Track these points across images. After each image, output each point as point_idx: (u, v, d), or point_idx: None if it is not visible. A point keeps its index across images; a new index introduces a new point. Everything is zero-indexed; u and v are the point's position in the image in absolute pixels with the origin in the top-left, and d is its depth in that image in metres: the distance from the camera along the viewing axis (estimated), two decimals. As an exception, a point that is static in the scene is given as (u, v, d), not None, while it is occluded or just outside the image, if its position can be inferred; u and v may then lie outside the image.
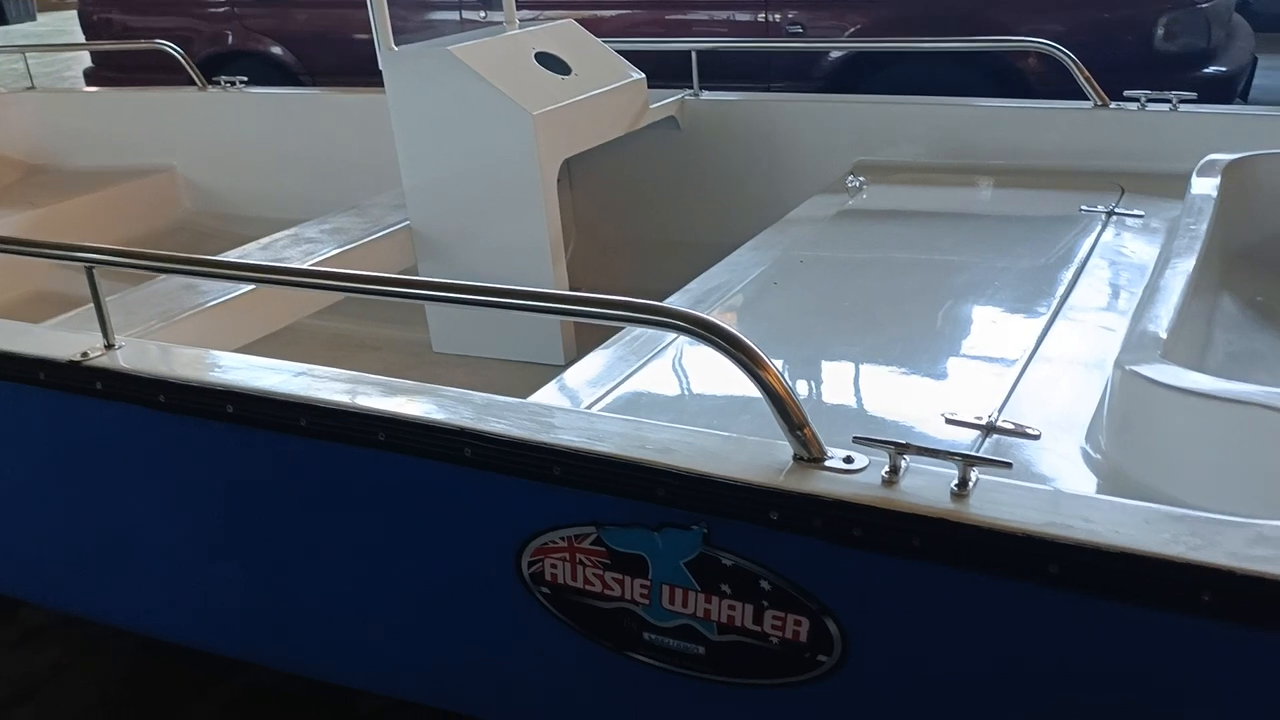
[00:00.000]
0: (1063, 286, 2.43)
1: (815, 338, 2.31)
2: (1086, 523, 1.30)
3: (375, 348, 3.44)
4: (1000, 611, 1.39)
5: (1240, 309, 2.44)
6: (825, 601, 1.48)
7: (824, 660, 1.53)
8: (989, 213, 3.10)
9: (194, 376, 1.81)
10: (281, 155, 4.15)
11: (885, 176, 3.31)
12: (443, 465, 1.63)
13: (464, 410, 1.65)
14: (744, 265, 2.74)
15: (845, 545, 1.41)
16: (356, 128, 3.95)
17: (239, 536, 1.98)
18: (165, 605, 2.20)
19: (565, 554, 1.64)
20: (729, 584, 1.54)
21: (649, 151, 3.70)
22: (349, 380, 1.77)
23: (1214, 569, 1.22)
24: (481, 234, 3.09)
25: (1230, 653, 1.27)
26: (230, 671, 2.60)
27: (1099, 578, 1.27)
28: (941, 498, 1.37)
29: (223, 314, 2.53)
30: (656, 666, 1.66)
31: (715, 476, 1.46)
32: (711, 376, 2.16)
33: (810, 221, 3.06)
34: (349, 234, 3.06)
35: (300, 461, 1.79)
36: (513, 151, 2.95)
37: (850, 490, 1.40)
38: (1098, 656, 1.36)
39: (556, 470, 1.55)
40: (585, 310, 1.62)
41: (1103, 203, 2.90)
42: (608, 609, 1.65)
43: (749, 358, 1.47)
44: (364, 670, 2.07)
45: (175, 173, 4.40)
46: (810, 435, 1.46)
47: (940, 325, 2.34)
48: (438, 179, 3.08)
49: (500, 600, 1.73)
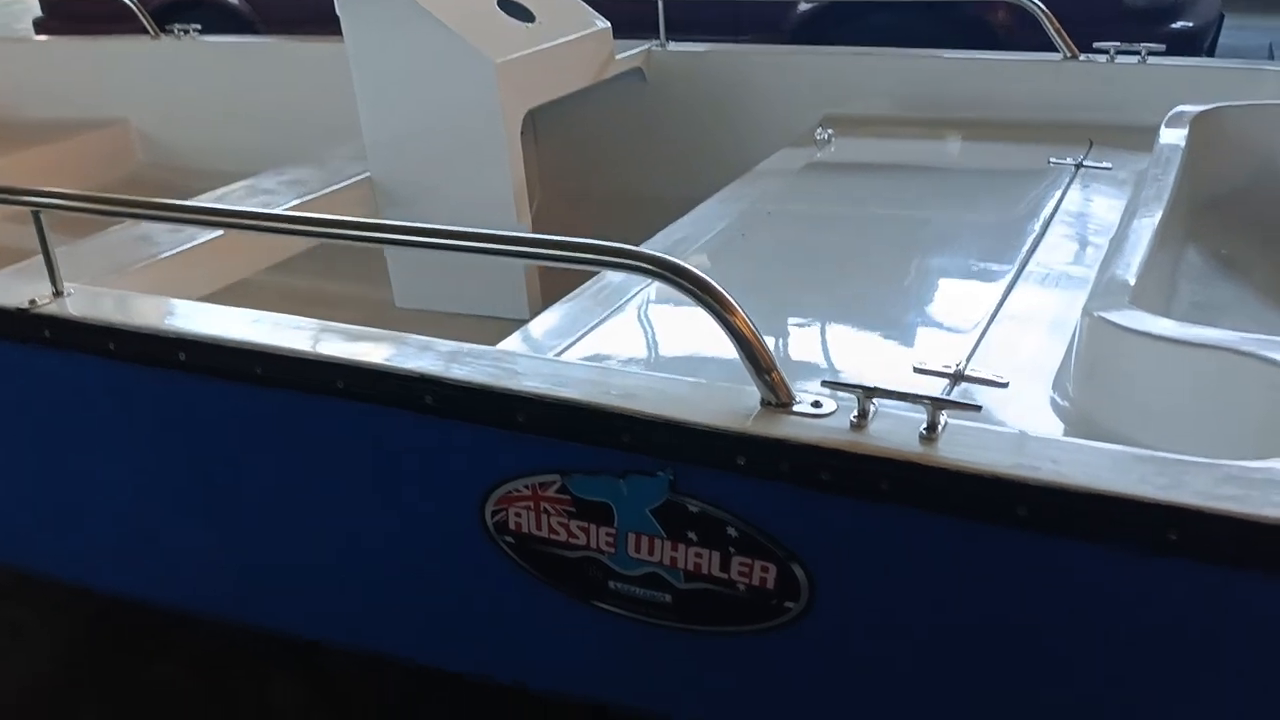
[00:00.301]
0: (1030, 238, 2.42)
1: (782, 289, 2.29)
2: (1054, 464, 1.29)
3: (335, 304, 3.36)
4: (968, 554, 1.38)
5: (1205, 260, 2.44)
6: (792, 547, 1.47)
7: (791, 607, 1.51)
8: (958, 165, 3.09)
9: (145, 323, 1.75)
10: (237, 106, 4.05)
11: (854, 129, 3.28)
12: (403, 413, 1.60)
13: (425, 357, 1.62)
14: (711, 218, 2.71)
15: (813, 490, 1.39)
16: (314, 78, 3.86)
17: (196, 489, 1.94)
18: (123, 561, 2.16)
19: (529, 503, 1.61)
20: (695, 531, 1.52)
21: (614, 103, 3.64)
22: (306, 327, 1.72)
23: (1182, 508, 1.21)
24: (444, 186, 3.03)
25: (1198, 591, 1.27)
26: (194, 628, 2.56)
27: (1067, 519, 1.27)
28: (910, 441, 1.35)
29: (177, 265, 2.46)
30: (623, 615, 1.64)
31: (681, 422, 1.44)
32: (678, 327, 2.14)
33: (778, 174, 3.03)
34: (307, 185, 2.99)
35: (257, 411, 1.75)
36: (475, 101, 2.88)
37: (818, 434, 1.38)
38: (1066, 597, 1.36)
39: (520, 417, 1.52)
40: (552, 254, 1.58)
41: (1071, 155, 2.89)
42: (573, 558, 1.63)
43: (717, 302, 1.44)
44: (329, 623, 2.05)
45: (128, 125, 4.28)
46: (778, 380, 1.44)
47: (908, 277, 2.33)
48: (399, 130, 3.01)
49: (463, 550, 1.70)
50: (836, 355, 2.04)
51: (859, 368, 1.95)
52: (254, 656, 2.49)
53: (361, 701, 2.38)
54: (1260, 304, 2.31)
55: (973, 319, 2.08)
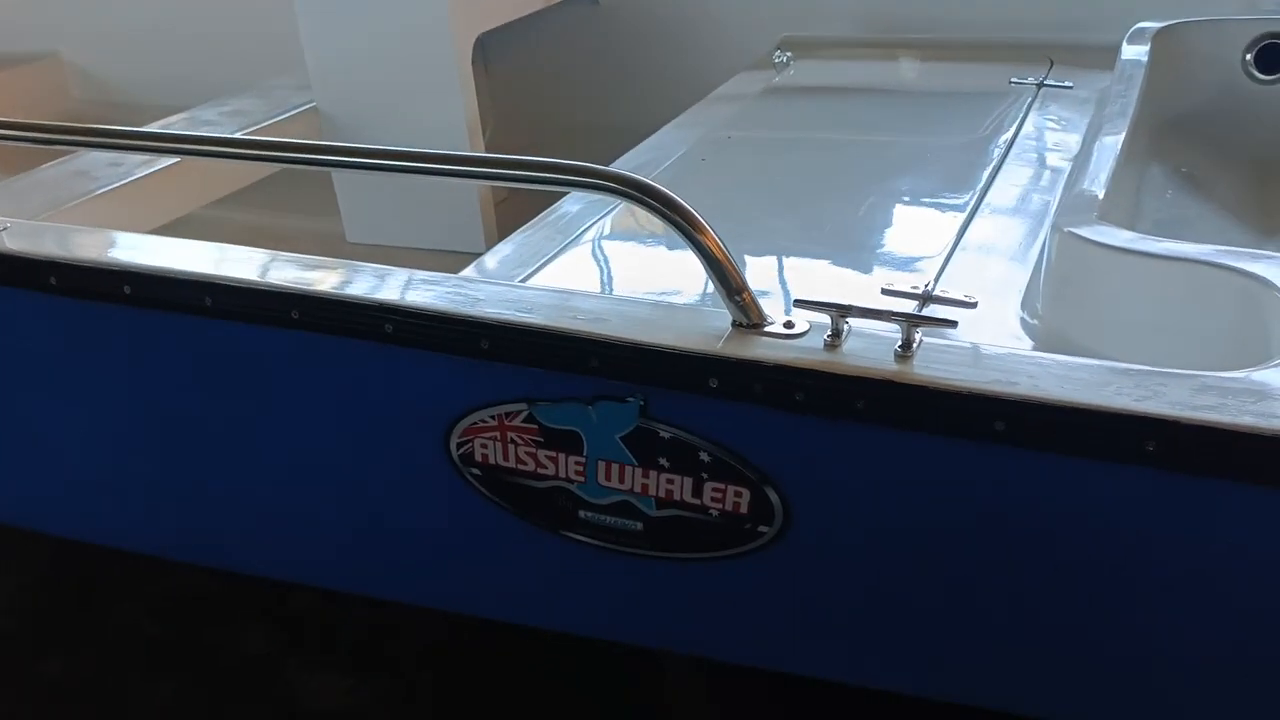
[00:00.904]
0: (994, 159, 2.40)
1: (745, 213, 2.25)
2: (1031, 379, 1.28)
3: (283, 239, 3.27)
4: (946, 471, 1.37)
5: (1168, 177, 2.44)
6: (766, 470, 1.45)
7: (765, 531, 1.50)
8: (919, 88, 3.05)
9: (87, 256, 1.68)
10: (176, 36, 3.89)
11: (812, 52, 3.22)
12: (362, 343, 1.55)
13: (383, 285, 1.56)
14: (670, 143, 2.66)
15: (787, 411, 1.36)
16: (256, 3, 3.70)
17: (148, 428, 1.87)
18: (77, 504, 2.09)
19: (496, 433, 1.58)
20: (667, 457, 1.49)
21: (567, 30, 3.55)
22: (257, 258, 1.66)
23: (1160, 419, 1.20)
24: (393, 115, 2.94)
25: (1175, 500, 1.26)
26: (155, 571, 2.50)
27: (1046, 432, 1.26)
28: (886, 359, 1.33)
29: (118, 200, 2.37)
30: (594, 545, 1.62)
31: (651, 345, 1.40)
32: (638, 255, 2.10)
33: (737, 99, 2.97)
34: (250, 116, 2.89)
35: (209, 345, 1.69)
36: (423, 25, 2.79)
37: (792, 354, 1.36)
38: (1044, 511, 1.36)
39: (484, 344, 1.48)
40: (513, 175, 1.53)
41: (1032, 75, 2.86)
42: (542, 488, 1.60)
43: (687, 221, 1.40)
44: (292, 562, 2.01)
45: (61, 59, 4.10)
46: (749, 300, 1.41)
47: (872, 201, 2.29)
48: (345, 57, 2.91)
49: (429, 483, 1.67)
50: (802, 278, 2.01)
51: (828, 290, 1.90)
52: (218, 600, 2.45)
53: (330, 643, 2.36)
54: (1223, 218, 2.32)
55: (939, 241, 2.06)
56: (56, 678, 2.31)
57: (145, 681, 2.29)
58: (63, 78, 4.12)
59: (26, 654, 2.37)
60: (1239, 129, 2.58)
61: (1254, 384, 1.24)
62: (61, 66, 4.11)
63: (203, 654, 2.34)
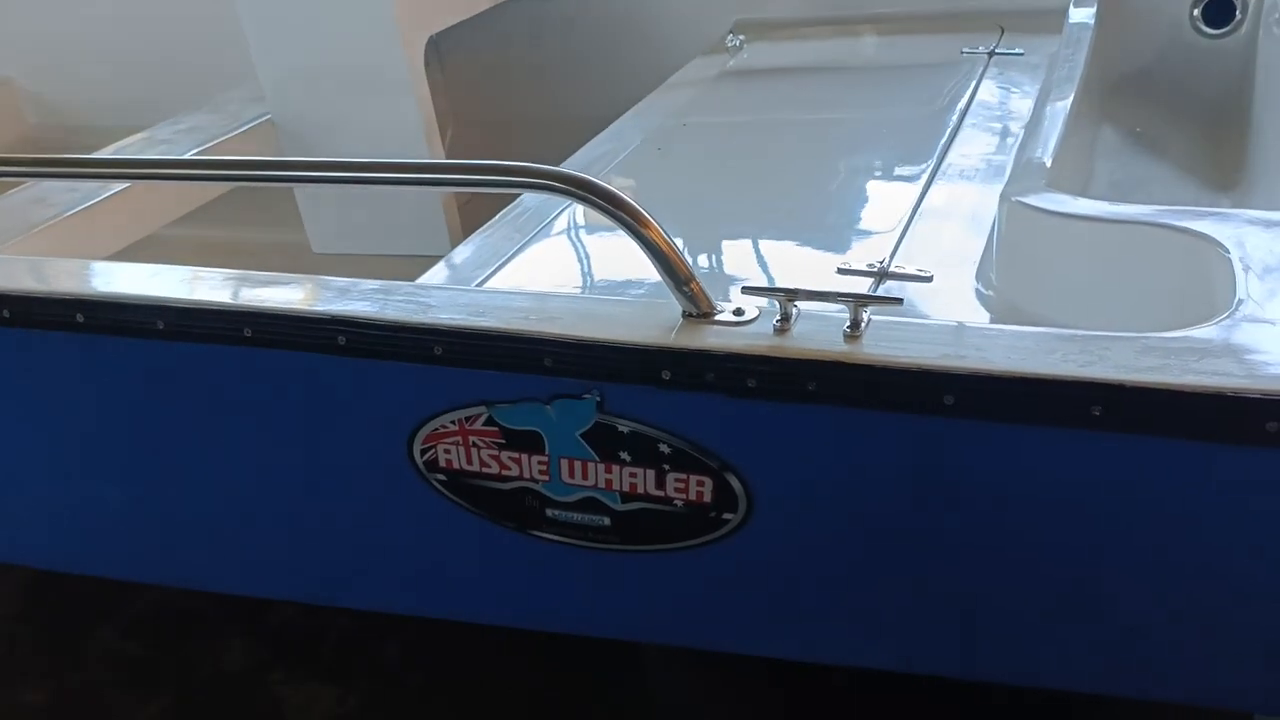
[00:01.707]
0: (947, 131, 2.40)
1: (703, 200, 2.25)
2: (978, 351, 1.28)
3: (249, 253, 3.26)
4: (900, 447, 1.37)
5: (1121, 139, 2.44)
6: (726, 458, 1.45)
7: (730, 518, 1.50)
8: (872, 64, 3.05)
9: (35, 287, 1.67)
10: (130, 57, 3.86)
11: (766, 34, 3.22)
12: (317, 357, 1.54)
13: (333, 298, 1.56)
14: (626, 133, 2.66)
15: (741, 398, 1.37)
16: (206, 18, 3.68)
17: (110, 454, 1.86)
18: (44, 533, 2.08)
19: (458, 437, 1.58)
20: (628, 451, 1.50)
21: (520, 24, 3.54)
22: (205, 277, 1.65)
23: (1103, 383, 1.21)
24: (349, 122, 2.92)
25: (1123, 461, 1.27)
26: (130, 592, 2.50)
27: (994, 403, 1.26)
28: (835, 341, 1.34)
29: (78, 225, 2.36)
30: (563, 542, 1.62)
31: (603, 341, 1.40)
32: (599, 249, 2.10)
33: (692, 85, 2.97)
34: (206, 132, 2.87)
35: (164, 368, 1.68)
36: (372, 30, 2.77)
37: (742, 342, 1.36)
38: (999, 480, 1.36)
39: (437, 350, 1.48)
40: (456, 179, 1.54)
41: (983, 44, 2.87)
42: (507, 489, 1.60)
43: (630, 216, 1.40)
44: (265, 579, 2.00)
45: (13, 84, 4.07)
46: (698, 290, 1.41)
47: (828, 180, 2.30)
48: (296, 67, 2.89)
49: (396, 492, 1.67)
50: (760, 262, 2.02)
51: (784, 274, 1.93)
52: (196, 619, 2.45)
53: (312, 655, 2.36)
54: (1177, 176, 2.33)
55: (894, 216, 2.06)
56: (40, 707, 2.31)
57: (131, 703, 2.29)
58: (16, 103, 4.09)
59: (8, 685, 2.37)
60: (1189, 85, 2.60)
61: (1196, 342, 1.25)
62: (14, 92, 4.08)
63: (186, 672, 2.35)
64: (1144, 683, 1.54)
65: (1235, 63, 2.53)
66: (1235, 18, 2.55)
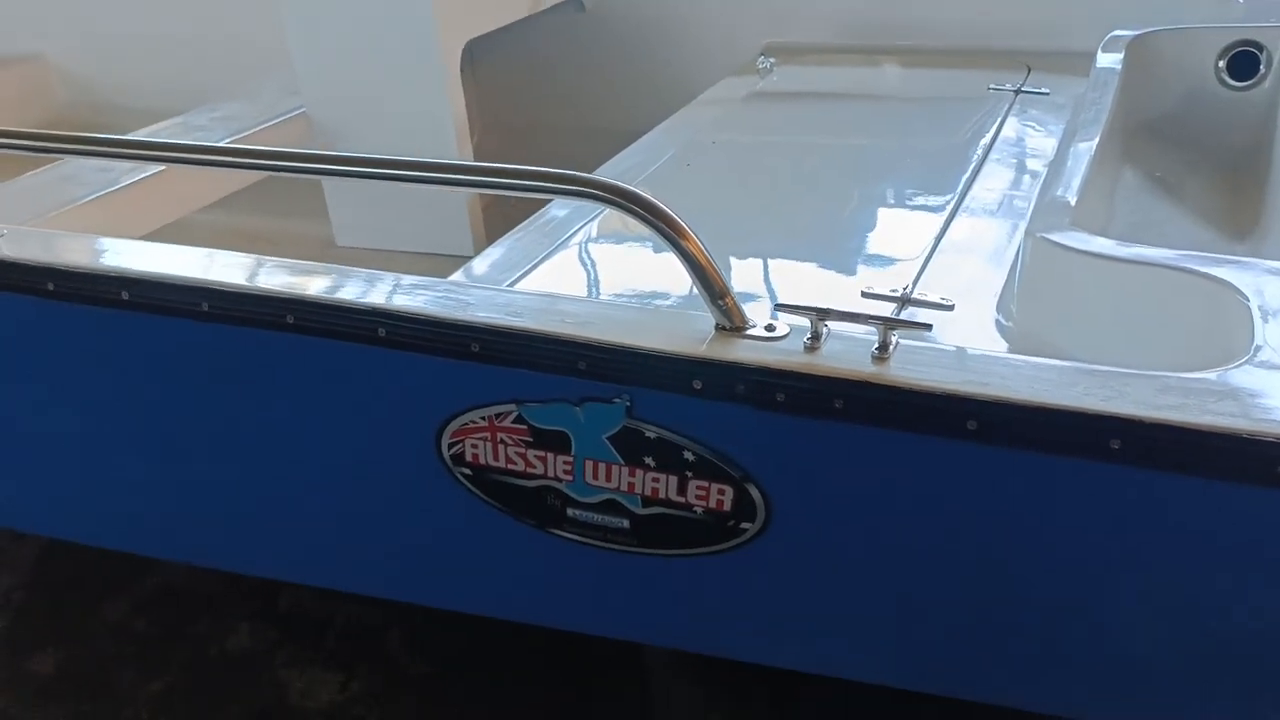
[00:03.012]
0: (972, 164, 2.45)
1: (729, 218, 2.29)
2: (1002, 379, 1.33)
3: (274, 242, 3.30)
4: (921, 468, 1.41)
5: (1141, 181, 2.49)
6: (748, 468, 1.49)
7: (748, 527, 1.54)
8: (900, 94, 3.10)
9: (85, 263, 1.71)
10: (163, 40, 3.90)
11: (795, 58, 3.27)
12: (356, 347, 1.58)
13: (376, 290, 1.60)
14: (655, 148, 2.70)
15: (769, 411, 1.41)
16: (242, 7, 3.73)
17: (142, 429, 1.90)
18: (67, 504, 2.12)
19: (486, 433, 1.62)
20: (652, 456, 1.53)
21: (554, 34, 3.59)
22: (253, 263, 1.69)
23: (1123, 418, 1.25)
24: (382, 121, 2.97)
25: (1139, 496, 1.31)
26: (141, 569, 2.54)
27: (1016, 431, 1.30)
28: (863, 361, 1.38)
29: (109, 206, 2.40)
30: (582, 542, 1.66)
31: (638, 348, 1.44)
32: (625, 259, 2.14)
33: (721, 104, 3.02)
34: (240, 121, 2.91)
35: (204, 349, 1.72)
36: (412, 33, 2.82)
37: (773, 357, 1.40)
38: (1016, 506, 1.40)
39: (475, 347, 1.52)
40: (502, 183, 1.57)
41: (1010, 81, 2.92)
42: (531, 487, 1.64)
43: (670, 226, 1.44)
44: (283, 561, 2.04)
45: (46, 60, 4.11)
46: (732, 304, 1.45)
47: (853, 205, 2.34)
48: (334, 63, 2.94)
49: (420, 483, 1.70)
50: (785, 282, 2.06)
51: (808, 293, 1.95)
52: (205, 598, 2.48)
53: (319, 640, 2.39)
54: (1193, 222, 2.38)
55: (918, 244, 2.11)
56: (48, 676, 2.34)
57: (135, 679, 2.32)
58: (48, 80, 4.13)
59: (17, 653, 2.40)
60: (1211, 134, 2.65)
61: (1215, 384, 1.29)
62: (47, 68, 4.12)
63: (192, 651, 2.38)
64: (1150, 713, 1.58)
65: (1257, 115, 2.59)
66: (1260, 72, 2.60)
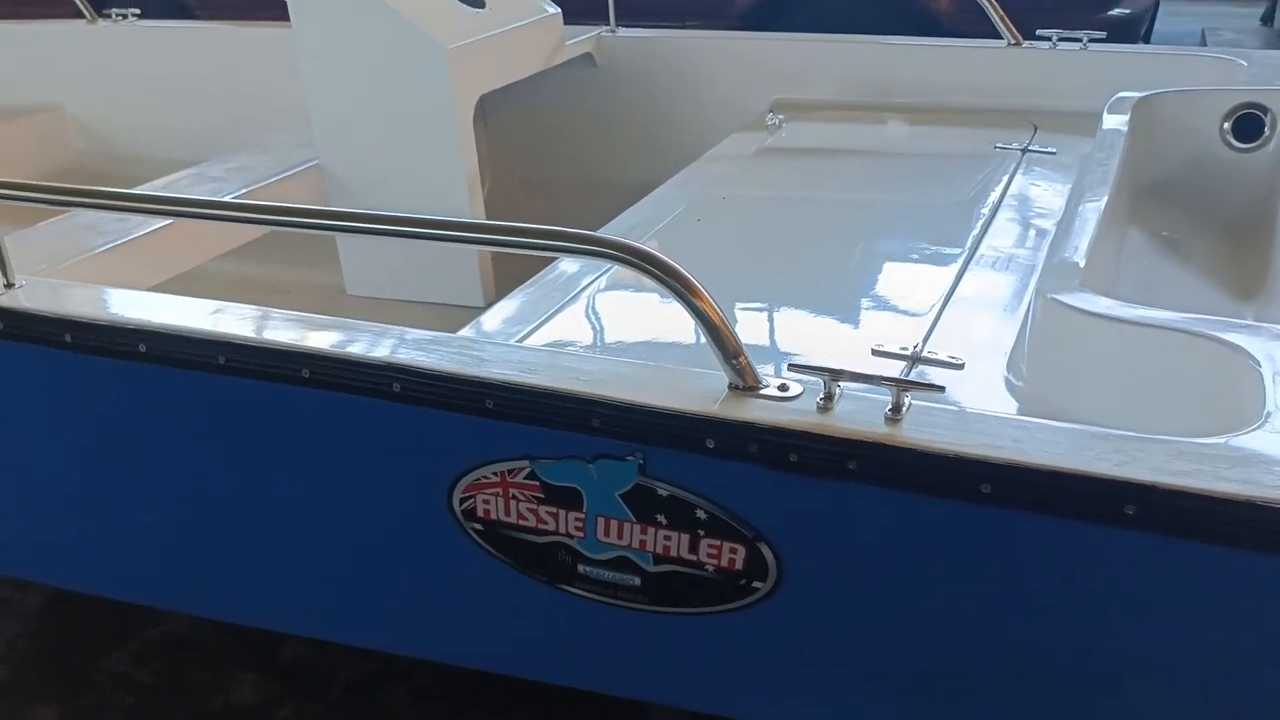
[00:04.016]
0: (980, 222, 2.47)
1: (739, 273, 2.31)
2: (1016, 443, 1.33)
3: (285, 291, 3.33)
4: (933, 531, 1.41)
5: (1148, 241, 2.51)
6: (761, 528, 1.49)
7: (759, 587, 1.54)
8: (907, 150, 3.13)
9: (102, 315, 1.72)
10: (178, 93, 3.97)
11: (804, 114, 3.31)
12: (370, 401, 1.59)
13: (391, 345, 1.61)
14: (665, 202, 2.73)
15: (781, 471, 1.41)
16: (257, 63, 3.79)
17: (154, 480, 1.91)
18: (75, 554, 2.12)
19: (498, 489, 1.62)
20: (665, 514, 1.54)
21: (565, 89, 3.64)
22: (269, 317, 1.71)
23: (1138, 484, 1.26)
24: (395, 173, 3.00)
25: (1152, 561, 1.31)
26: (144, 619, 2.53)
27: (1029, 495, 1.30)
28: (876, 422, 1.38)
29: (125, 255, 2.42)
30: (593, 599, 1.66)
31: (651, 406, 1.45)
32: (635, 315, 2.15)
33: (731, 159, 3.05)
34: (255, 173, 2.95)
35: (219, 401, 1.73)
36: (426, 87, 2.86)
37: (786, 417, 1.41)
38: (1028, 570, 1.40)
39: (488, 403, 1.53)
40: (513, 240, 1.58)
41: (1017, 140, 2.95)
42: (542, 543, 1.64)
43: (684, 286, 1.45)
44: (289, 613, 2.03)
45: (63, 112, 4.17)
46: (745, 364, 1.46)
47: (862, 261, 2.36)
48: (347, 116, 2.98)
49: (431, 537, 1.70)
50: (795, 338, 2.07)
51: (818, 350, 1.98)
52: (209, 649, 2.47)
53: (322, 693, 2.37)
54: (1200, 282, 2.39)
55: (927, 301, 2.12)
56: (51, 727, 2.33)
57: (139, 731, 2.30)
58: (64, 130, 4.19)
59: (20, 703, 2.38)
60: (1217, 195, 2.67)
61: (1228, 449, 1.30)
62: (64, 119, 4.18)
63: (196, 703, 2.36)
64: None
65: (1262, 176, 2.61)
66: (1264, 134, 2.63)
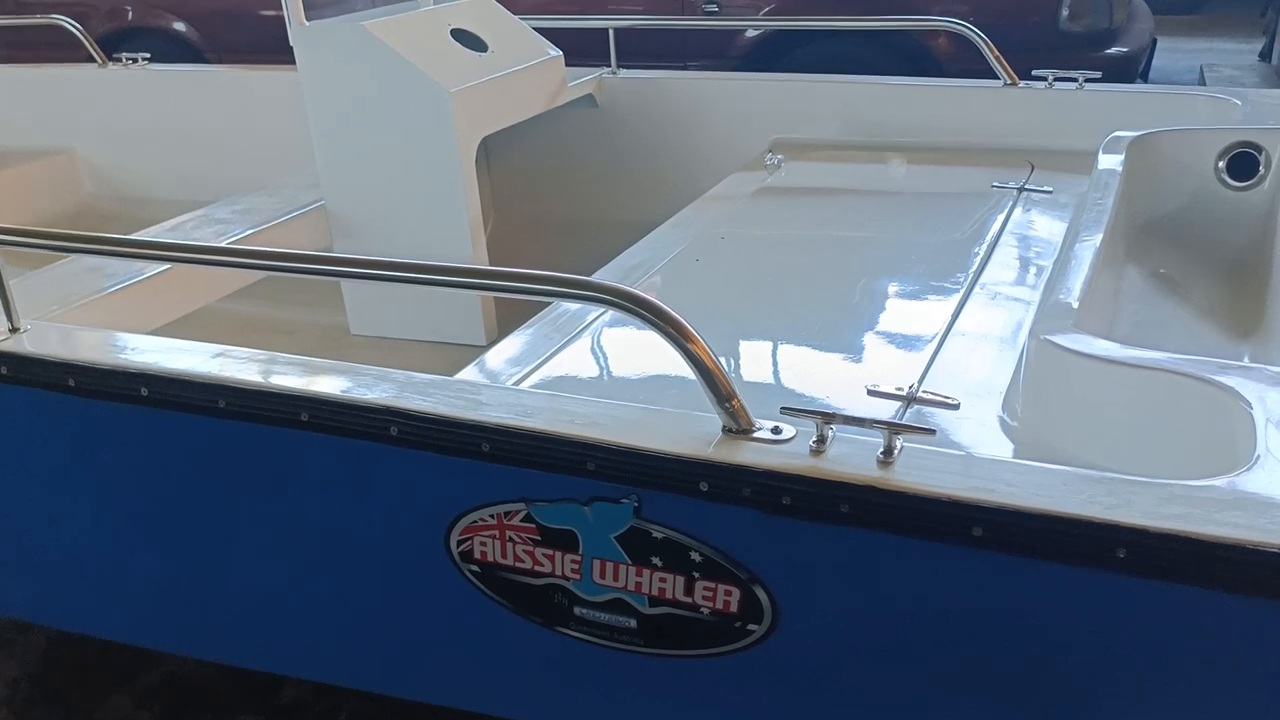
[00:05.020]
0: (976, 261, 2.49)
1: (737, 313, 2.33)
2: (1008, 486, 1.34)
3: (289, 331, 3.37)
4: (926, 574, 1.42)
5: (1144, 280, 2.52)
6: (755, 570, 1.50)
7: (754, 629, 1.54)
8: (904, 190, 3.16)
9: (105, 359, 1.75)
10: (187, 136, 4.03)
11: (802, 154, 3.34)
12: (368, 444, 1.61)
13: (388, 388, 1.63)
14: (664, 243, 2.75)
15: (775, 514, 1.42)
16: (265, 106, 3.85)
17: (155, 523, 1.92)
18: (77, 596, 2.13)
19: (495, 531, 1.63)
20: (660, 556, 1.54)
21: (567, 130, 3.68)
22: (269, 360, 1.73)
23: (1129, 527, 1.26)
24: (399, 214, 3.04)
25: (1144, 606, 1.31)
26: (146, 661, 2.53)
27: (1021, 538, 1.31)
28: (868, 465, 1.39)
29: (130, 297, 2.45)
30: (588, 641, 1.66)
31: (646, 449, 1.46)
32: (634, 354, 2.17)
33: (730, 199, 3.08)
34: (261, 214, 2.98)
35: (220, 444, 1.75)
36: (430, 130, 2.90)
37: (779, 460, 1.42)
38: (1021, 614, 1.40)
39: (485, 447, 1.54)
40: (509, 285, 1.60)
41: (1013, 179, 2.97)
42: (538, 585, 1.65)
43: (676, 330, 1.47)
44: (289, 655, 2.04)
45: (74, 154, 4.23)
46: (739, 407, 1.48)
47: (859, 300, 2.38)
48: (353, 158, 3.02)
49: (428, 580, 1.71)
50: (792, 377, 2.08)
51: (814, 390, 1.99)
52: (210, 691, 2.47)
53: (323, 733, 2.37)
54: (1197, 321, 2.40)
55: (923, 340, 2.13)
56: (51, 770, 2.33)
57: (140, 774, 2.30)
58: (75, 172, 4.25)
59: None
60: (1213, 234, 2.68)
61: (1219, 492, 1.30)
62: (75, 161, 4.24)
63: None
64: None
65: (1257, 215, 2.62)
66: (1259, 173, 2.65)
